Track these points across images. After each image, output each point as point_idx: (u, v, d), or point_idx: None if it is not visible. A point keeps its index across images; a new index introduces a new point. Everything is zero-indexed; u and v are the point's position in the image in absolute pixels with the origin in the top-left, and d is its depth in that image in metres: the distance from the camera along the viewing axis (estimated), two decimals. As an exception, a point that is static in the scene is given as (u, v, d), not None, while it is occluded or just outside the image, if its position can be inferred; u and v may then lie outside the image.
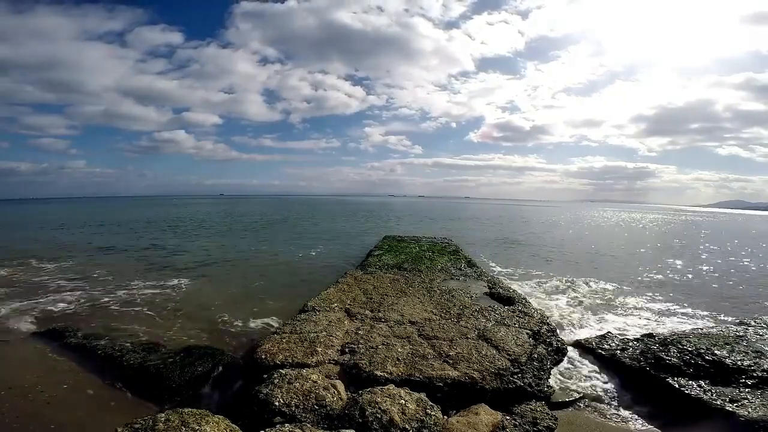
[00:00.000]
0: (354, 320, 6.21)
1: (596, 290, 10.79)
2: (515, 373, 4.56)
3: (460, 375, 4.40)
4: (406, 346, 5.11)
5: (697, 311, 8.91)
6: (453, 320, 6.30)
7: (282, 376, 4.11)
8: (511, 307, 7.20)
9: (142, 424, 3.06)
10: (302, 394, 3.81)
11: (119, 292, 9.99)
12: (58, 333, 6.69)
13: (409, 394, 3.86)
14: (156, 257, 15.45)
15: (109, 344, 6.08)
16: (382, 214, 50.55)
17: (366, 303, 7.18)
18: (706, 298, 10.24)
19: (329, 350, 4.92)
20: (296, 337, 5.25)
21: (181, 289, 10.17)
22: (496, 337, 5.51)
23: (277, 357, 4.65)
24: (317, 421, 3.54)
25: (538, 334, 5.82)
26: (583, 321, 8.00)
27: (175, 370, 5.12)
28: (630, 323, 7.91)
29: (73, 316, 7.83)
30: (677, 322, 8.03)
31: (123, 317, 7.93)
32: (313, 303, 6.89)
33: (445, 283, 9.19)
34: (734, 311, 8.96)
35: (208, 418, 3.22)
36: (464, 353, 4.92)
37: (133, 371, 5.27)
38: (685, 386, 4.57)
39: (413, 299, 7.50)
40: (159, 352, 5.68)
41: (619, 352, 5.56)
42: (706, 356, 5.06)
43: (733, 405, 4.14)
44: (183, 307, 8.59)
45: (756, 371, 4.73)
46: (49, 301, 8.98)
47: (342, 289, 8.07)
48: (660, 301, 9.82)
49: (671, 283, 12.19)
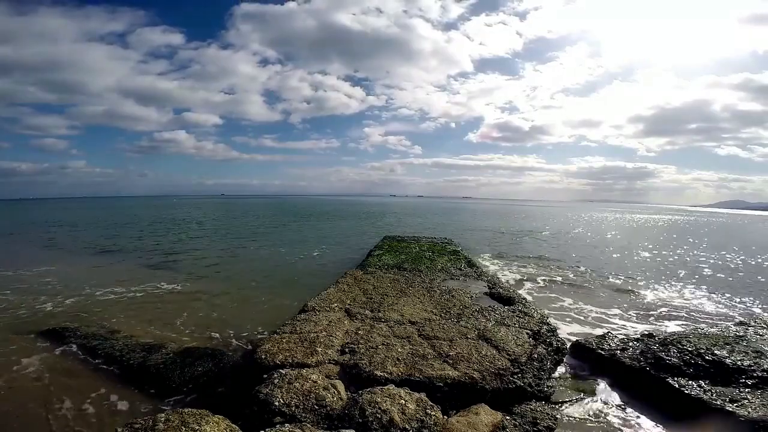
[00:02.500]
0: (354, 320, 6.20)
1: (596, 290, 10.78)
2: (515, 373, 4.56)
3: (460, 375, 4.40)
4: (406, 346, 5.11)
5: (699, 311, 8.91)
6: (453, 320, 6.30)
7: (282, 376, 4.10)
8: (511, 307, 7.20)
9: (142, 424, 3.06)
10: (302, 394, 3.80)
11: (119, 292, 10.00)
12: (58, 333, 6.70)
13: (409, 394, 3.86)
14: (156, 257, 15.46)
15: (109, 344, 6.09)
16: (382, 214, 50.55)
17: (366, 303, 7.18)
18: (706, 298, 10.25)
19: (329, 350, 4.92)
20: (296, 337, 5.25)
21: (181, 289, 10.17)
22: (496, 337, 5.51)
23: (277, 357, 4.65)
24: (317, 421, 3.54)
25: (538, 334, 5.82)
26: (583, 321, 8.00)
27: (175, 370, 5.13)
28: (630, 323, 7.91)
29: (73, 316, 7.83)
30: (677, 322, 8.03)
31: (123, 317, 7.94)
32: (313, 303, 6.89)
33: (445, 283, 9.19)
34: (735, 311, 8.97)
35: (208, 418, 3.23)
36: (464, 353, 4.92)
37: (133, 371, 5.28)
38: (685, 386, 4.56)
39: (413, 299, 7.50)
40: (159, 352, 5.69)
41: (619, 352, 5.56)
42: (706, 356, 5.06)
43: (733, 405, 4.13)
44: (183, 307, 8.59)
45: (756, 371, 4.72)
46: (50, 301, 9.00)
47: (342, 289, 8.07)
48: (660, 301, 9.82)
49: (672, 283, 12.19)
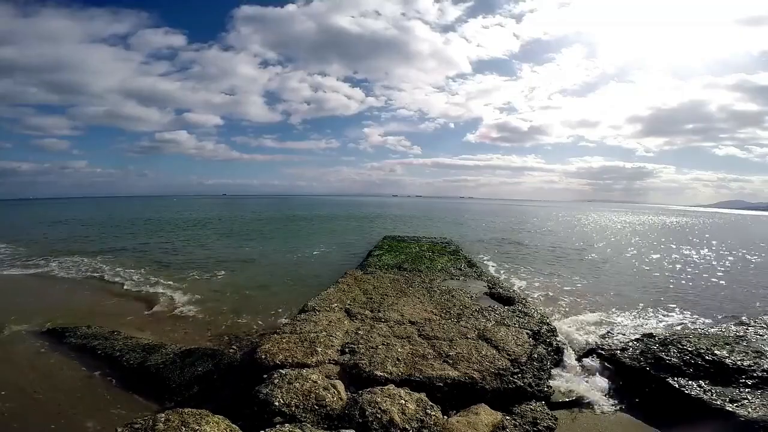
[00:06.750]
0: (354, 320, 6.20)
1: (596, 290, 10.78)
2: (515, 373, 4.56)
3: (460, 375, 4.40)
4: (406, 346, 5.11)
5: (698, 311, 8.90)
6: (453, 320, 6.30)
7: (282, 376, 4.10)
8: (511, 307, 7.20)
9: (142, 424, 3.06)
10: (302, 394, 3.80)
11: (119, 292, 10.00)
12: (58, 333, 6.70)
13: (409, 394, 3.86)
14: (156, 257, 15.47)
15: (109, 344, 6.09)
16: (381, 214, 50.54)
17: (366, 303, 7.17)
18: (707, 299, 10.24)
19: (329, 350, 4.92)
20: (296, 337, 5.24)
21: (180, 290, 10.17)
22: (496, 337, 5.51)
23: (277, 357, 4.64)
24: (317, 421, 3.54)
25: (538, 334, 5.82)
26: (583, 321, 7.99)
27: (175, 370, 5.13)
28: (630, 323, 7.90)
29: (74, 316, 7.83)
30: (677, 322, 8.02)
31: (123, 317, 7.94)
32: (313, 303, 6.88)
33: (445, 283, 9.19)
34: (734, 311, 8.96)
35: (208, 418, 3.22)
36: (464, 353, 4.92)
37: (133, 371, 5.28)
38: (685, 386, 4.56)
39: (413, 299, 7.49)
40: (159, 352, 5.69)
41: (619, 352, 5.56)
42: (706, 356, 5.06)
43: (733, 405, 4.13)
44: (183, 307, 8.60)
45: (756, 371, 4.72)
46: (50, 301, 9.00)
47: (342, 289, 8.06)
48: (661, 301, 9.81)
49: (673, 283, 12.19)
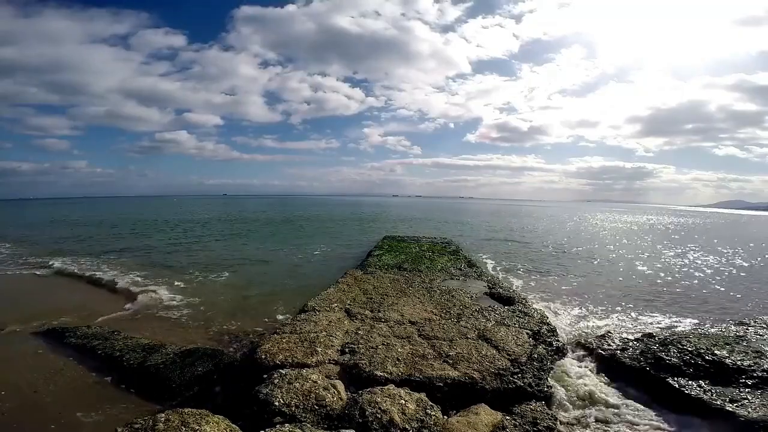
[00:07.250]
0: (354, 320, 6.20)
1: (596, 290, 10.78)
2: (515, 373, 4.56)
3: (460, 375, 4.40)
4: (406, 346, 5.11)
5: (698, 311, 8.91)
6: (453, 320, 6.30)
7: (282, 376, 4.10)
8: (511, 307, 7.20)
9: (142, 424, 3.06)
10: (302, 394, 3.80)
11: (119, 292, 10.00)
12: (58, 333, 6.70)
13: (409, 394, 3.86)
14: (156, 258, 15.47)
15: (109, 344, 6.09)
16: (381, 214, 50.54)
17: (366, 303, 7.17)
18: (707, 299, 10.24)
19: (329, 350, 4.92)
20: (296, 337, 5.24)
21: (180, 290, 10.17)
22: (496, 337, 5.51)
23: (277, 357, 4.64)
24: (317, 421, 3.53)
25: (538, 334, 5.82)
26: (583, 321, 7.99)
27: (175, 370, 5.13)
28: (630, 323, 7.90)
29: (74, 316, 7.83)
30: (677, 323, 8.02)
31: (123, 317, 7.94)
32: (313, 303, 6.88)
33: (445, 283, 9.19)
34: (735, 311, 8.96)
35: (208, 418, 3.22)
36: (464, 353, 4.92)
37: (133, 371, 5.28)
38: (685, 386, 4.56)
39: (413, 299, 7.49)
40: (159, 352, 5.69)
41: (619, 352, 5.56)
42: (706, 356, 5.06)
43: (733, 405, 4.13)
44: (183, 308, 8.60)
45: (756, 371, 4.73)
46: (50, 301, 8.99)
47: (342, 289, 8.06)
48: (661, 301, 9.81)
49: (673, 283, 12.19)
